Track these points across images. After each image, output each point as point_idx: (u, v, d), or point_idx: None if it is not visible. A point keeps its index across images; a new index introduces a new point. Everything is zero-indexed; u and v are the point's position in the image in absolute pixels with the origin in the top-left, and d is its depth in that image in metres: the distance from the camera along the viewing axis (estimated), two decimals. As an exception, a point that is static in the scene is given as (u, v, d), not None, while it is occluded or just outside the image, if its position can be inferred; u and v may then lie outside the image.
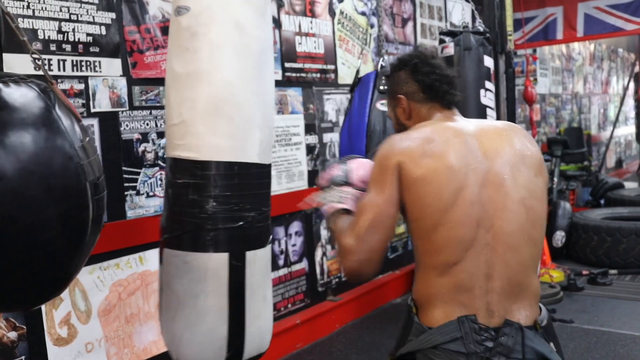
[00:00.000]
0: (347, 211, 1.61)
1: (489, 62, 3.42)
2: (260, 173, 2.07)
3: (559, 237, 5.53)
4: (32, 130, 1.38)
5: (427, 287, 1.50)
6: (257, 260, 2.06)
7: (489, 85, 3.40)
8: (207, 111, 1.96)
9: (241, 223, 2.00)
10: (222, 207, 1.98)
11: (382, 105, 3.08)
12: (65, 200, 1.42)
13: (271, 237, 2.20)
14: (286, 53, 3.83)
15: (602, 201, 7.19)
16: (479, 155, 1.48)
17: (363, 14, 4.55)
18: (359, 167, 1.70)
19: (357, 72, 3.32)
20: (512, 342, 1.39)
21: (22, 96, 1.42)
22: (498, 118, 3.82)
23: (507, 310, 1.44)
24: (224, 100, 1.98)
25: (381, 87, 3.09)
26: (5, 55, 2.43)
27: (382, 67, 3.20)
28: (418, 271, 1.58)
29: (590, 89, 10.19)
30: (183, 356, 2.00)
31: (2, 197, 1.31)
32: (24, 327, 2.50)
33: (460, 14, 3.79)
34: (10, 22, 1.66)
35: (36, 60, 1.62)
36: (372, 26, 4.60)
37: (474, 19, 3.83)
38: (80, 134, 1.51)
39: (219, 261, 1.97)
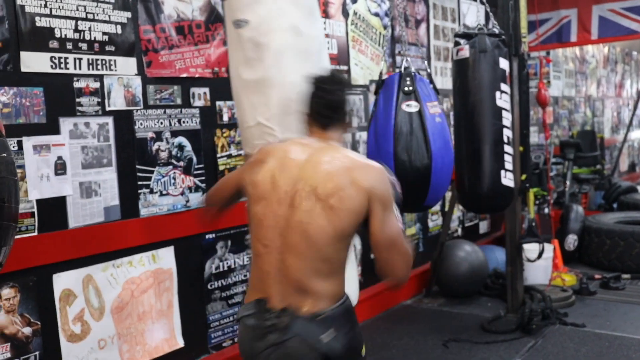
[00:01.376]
0: None
1: (504, 64, 3.40)
2: None
3: (571, 240, 5.49)
4: None
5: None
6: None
7: (504, 87, 3.38)
8: (281, 112, 2.18)
9: None
10: None
11: (407, 107, 3.07)
12: None
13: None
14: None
15: (614, 205, 7.13)
16: (288, 177, 1.79)
17: (376, 15, 4.54)
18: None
19: (380, 74, 3.31)
20: (284, 324, 1.75)
21: None
22: (511, 121, 3.80)
23: (290, 301, 1.76)
24: (293, 100, 2.14)
25: (406, 89, 3.08)
26: (22, 54, 2.47)
27: (405, 68, 3.18)
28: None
29: (603, 92, 10.11)
30: None
31: None
32: (38, 323, 2.52)
33: (475, 15, 3.77)
34: None
35: None
36: (385, 27, 4.59)
37: (487, 20, 3.81)
38: None
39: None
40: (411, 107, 3.05)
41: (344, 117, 1.95)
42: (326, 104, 1.90)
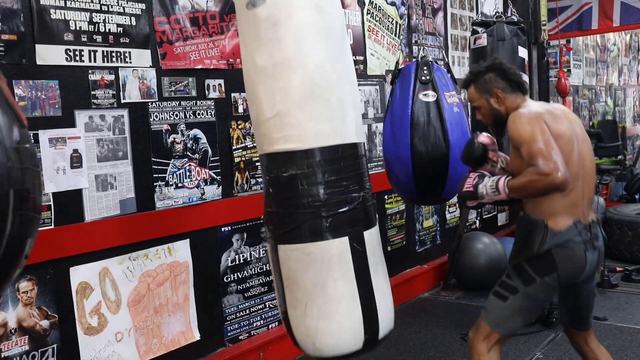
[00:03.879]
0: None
1: (523, 52, 3.34)
2: (359, 152, 2.09)
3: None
4: None
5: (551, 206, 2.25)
6: (374, 239, 2.10)
7: (523, 76, 3.32)
8: (303, 98, 1.94)
9: (355, 204, 2.01)
10: (333, 191, 1.97)
11: (424, 96, 3.00)
12: None
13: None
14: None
15: (636, 196, 7.01)
16: (569, 122, 2.31)
17: (392, 4, 4.48)
18: (469, 177, 2.37)
19: (397, 63, 3.25)
20: (596, 230, 2.34)
21: None
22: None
23: (590, 216, 2.35)
24: (318, 84, 1.96)
25: (423, 78, 3.02)
26: (38, 47, 2.47)
27: (422, 57, 3.12)
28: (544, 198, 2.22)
29: (625, 81, 9.93)
30: (322, 348, 1.99)
31: None
32: (56, 315, 2.53)
33: (493, 3, 3.71)
34: None
35: None
36: (401, 16, 4.53)
37: (506, 8, 3.74)
38: (18, 136, 1.36)
39: (341, 246, 1.97)
40: (428, 96, 3.00)
41: None
42: (520, 77, 2.39)
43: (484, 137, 2.46)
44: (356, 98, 2.14)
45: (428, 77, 3.01)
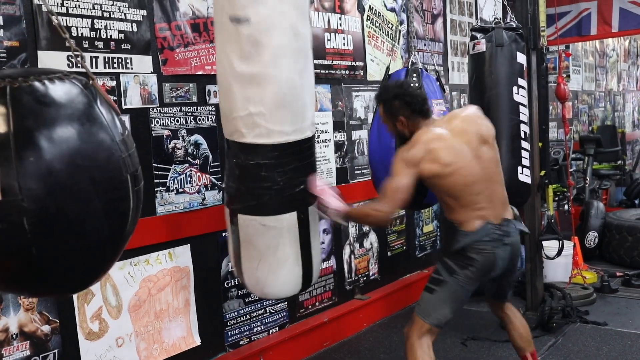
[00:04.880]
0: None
1: (521, 58, 3.35)
2: (312, 143, 2.44)
3: (592, 237, 5.41)
4: (77, 126, 1.44)
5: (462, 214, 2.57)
6: (313, 212, 2.49)
7: (521, 82, 3.33)
8: (274, 106, 2.24)
9: (302, 187, 2.39)
10: (288, 177, 2.33)
11: None
12: (109, 192, 1.49)
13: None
14: (315, 50, 3.77)
15: (636, 201, 7.02)
16: (465, 132, 2.57)
17: (392, 10, 4.51)
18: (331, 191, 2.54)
19: (387, 69, 3.29)
20: (508, 228, 2.60)
21: (67, 92, 1.46)
22: (530, 116, 3.75)
23: (503, 214, 2.62)
24: (287, 94, 2.27)
25: (412, 85, 3.05)
26: (40, 53, 2.48)
27: (412, 63, 3.16)
28: (454, 207, 2.58)
29: (624, 86, 9.95)
30: (268, 293, 2.49)
31: (52, 190, 1.37)
32: (57, 320, 2.53)
33: (492, 9, 3.72)
34: (54, 19, 1.76)
35: (77, 57, 1.69)
36: (401, 22, 4.56)
37: (505, 14, 3.75)
38: (121, 127, 1.57)
39: (290, 219, 2.37)
40: None
41: None
42: (423, 103, 2.62)
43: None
44: (313, 99, 2.48)
45: (417, 85, 3.05)
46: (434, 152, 2.48)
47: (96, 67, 2.66)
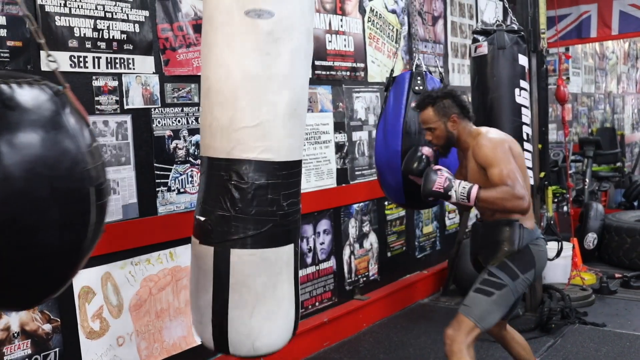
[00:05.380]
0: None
1: (523, 60, 3.36)
2: (301, 168, 2.24)
3: (591, 239, 5.42)
4: (41, 132, 1.38)
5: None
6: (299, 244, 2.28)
7: (523, 84, 3.34)
8: (288, 114, 2.03)
9: (297, 216, 2.18)
10: (291, 201, 2.10)
11: None
12: (69, 204, 1.42)
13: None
14: (316, 51, 3.82)
15: (635, 203, 7.04)
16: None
17: (393, 12, 4.52)
18: (441, 175, 2.50)
19: (392, 71, 3.29)
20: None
21: (34, 98, 1.41)
22: (530, 117, 3.76)
23: None
24: (299, 102, 2.09)
25: (416, 88, 3.07)
26: (42, 53, 2.48)
27: (417, 66, 3.16)
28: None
29: (624, 89, 9.97)
30: (262, 346, 2.11)
31: (6, 197, 1.31)
32: (58, 319, 2.54)
33: (493, 11, 3.74)
34: (30, 24, 1.68)
35: (51, 63, 1.62)
36: (402, 24, 4.57)
37: (506, 16, 3.77)
38: (89, 138, 1.50)
39: (289, 252, 2.13)
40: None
41: None
42: (468, 103, 2.66)
43: (427, 150, 2.71)
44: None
45: (421, 88, 3.06)
46: (511, 142, 2.56)
47: (98, 68, 2.67)
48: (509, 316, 2.73)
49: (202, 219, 2.11)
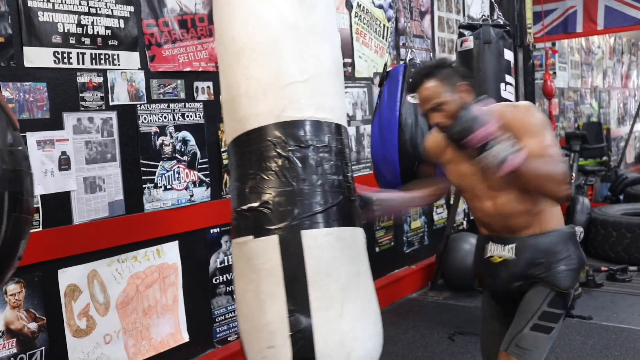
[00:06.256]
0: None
1: (509, 55, 3.38)
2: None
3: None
4: None
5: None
6: None
7: (509, 79, 3.36)
8: (333, 70, 1.80)
9: (354, 195, 1.83)
10: (350, 174, 1.81)
11: (412, 98, 3.05)
12: None
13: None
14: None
15: (621, 197, 7.10)
16: None
17: (380, 7, 4.51)
18: (490, 118, 1.82)
19: (385, 65, 3.29)
20: None
21: None
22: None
23: None
24: (340, 61, 1.88)
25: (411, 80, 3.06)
26: (25, 49, 2.47)
27: (410, 60, 3.16)
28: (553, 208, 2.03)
29: (610, 83, 10.05)
30: (359, 358, 1.65)
31: None
32: (44, 318, 2.52)
33: (480, 6, 3.75)
34: None
35: None
36: (389, 19, 4.57)
37: (492, 11, 3.78)
38: (11, 138, 1.36)
39: (361, 234, 1.80)
40: (416, 98, 3.04)
41: None
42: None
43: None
44: None
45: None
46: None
47: (83, 64, 2.64)
48: None
49: (255, 204, 1.69)
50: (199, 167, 3.16)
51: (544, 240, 1.99)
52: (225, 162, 3.29)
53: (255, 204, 1.70)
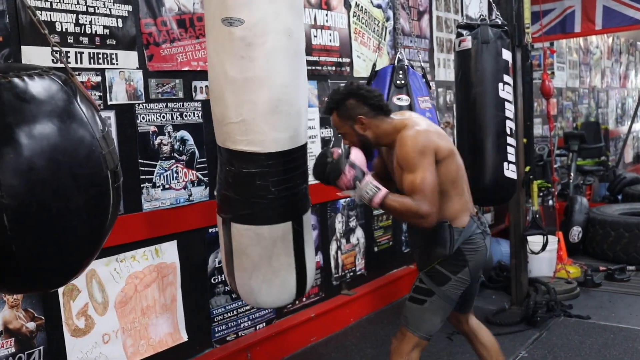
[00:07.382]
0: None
1: (507, 55, 3.38)
2: (305, 150, 2.42)
3: (576, 232, 5.48)
4: (58, 122, 1.43)
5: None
6: (307, 221, 2.48)
7: (507, 78, 3.36)
8: (268, 111, 2.19)
9: (299, 194, 2.37)
10: (283, 186, 2.29)
11: (398, 100, 3.07)
12: (90, 189, 1.50)
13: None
14: (302, 46, 3.81)
15: (619, 196, 7.11)
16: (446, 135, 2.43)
17: (379, 6, 4.52)
18: (359, 158, 2.26)
19: (374, 65, 3.30)
20: (482, 218, 2.53)
21: (46, 89, 1.45)
22: (515, 112, 3.78)
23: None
24: (281, 99, 2.21)
25: (398, 82, 3.07)
26: (23, 48, 2.46)
27: (399, 60, 3.17)
28: (451, 196, 2.37)
29: (608, 83, 10.06)
30: (262, 302, 2.46)
31: (33, 186, 1.37)
32: (42, 317, 2.52)
33: (478, 6, 3.75)
34: (32, 15, 1.71)
35: (56, 53, 1.65)
36: (387, 19, 4.57)
37: (490, 11, 3.78)
38: (101, 124, 1.57)
39: (285, 228, 2.34)
40: (402, 100, 3.07)
41: None
42: (379, 96, 2.39)
43: (336, 152, 2.29)
44: (307, 106, 2.43)
45: (403, 82, 3.08)
46: (437, 133, 2.31)
47: (81, 63, 2.64)
48: (465, 310, 2.65)
49: (216, 193, 2.53)
50: (197, 166, 3.15)
51: (423, 230, 2.35)
52: (223, 161, 3.29)
53: (216, 193, 2.54)
